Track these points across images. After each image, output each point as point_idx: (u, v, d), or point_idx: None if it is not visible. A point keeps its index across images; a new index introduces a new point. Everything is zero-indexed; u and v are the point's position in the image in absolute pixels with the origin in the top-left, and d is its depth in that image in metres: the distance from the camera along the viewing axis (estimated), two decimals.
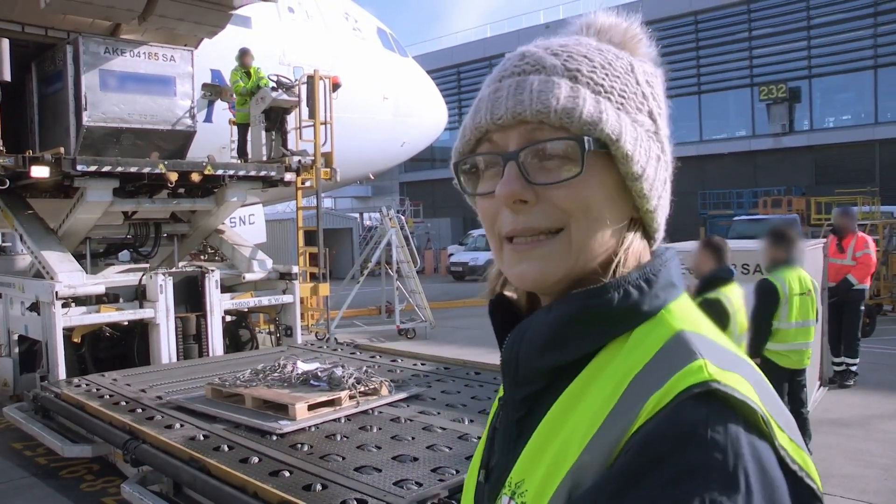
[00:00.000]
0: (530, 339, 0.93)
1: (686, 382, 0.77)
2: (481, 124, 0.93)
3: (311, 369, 6.29)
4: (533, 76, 0.91)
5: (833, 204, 22.15)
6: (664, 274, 0.92)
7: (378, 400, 5.89)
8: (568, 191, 0.89)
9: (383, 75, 15.06)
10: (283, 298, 9.76)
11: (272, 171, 9.98)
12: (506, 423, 0.98)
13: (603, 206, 0.90)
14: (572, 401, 0.86)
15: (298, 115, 11.24)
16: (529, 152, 0.90)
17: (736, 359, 0.84)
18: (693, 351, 0.81)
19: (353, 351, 8.83)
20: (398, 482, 4.18)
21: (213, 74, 11.74)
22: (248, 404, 5.73)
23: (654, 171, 0.94)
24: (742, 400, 0.76)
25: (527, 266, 0.91)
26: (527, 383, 0.93)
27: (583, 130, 0.88)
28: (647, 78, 0.97)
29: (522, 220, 0.90)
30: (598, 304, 0.89)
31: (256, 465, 4.53)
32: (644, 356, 0.83)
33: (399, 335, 15.01)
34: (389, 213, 16.30)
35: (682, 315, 0.89)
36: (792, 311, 6.05)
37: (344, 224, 32.88)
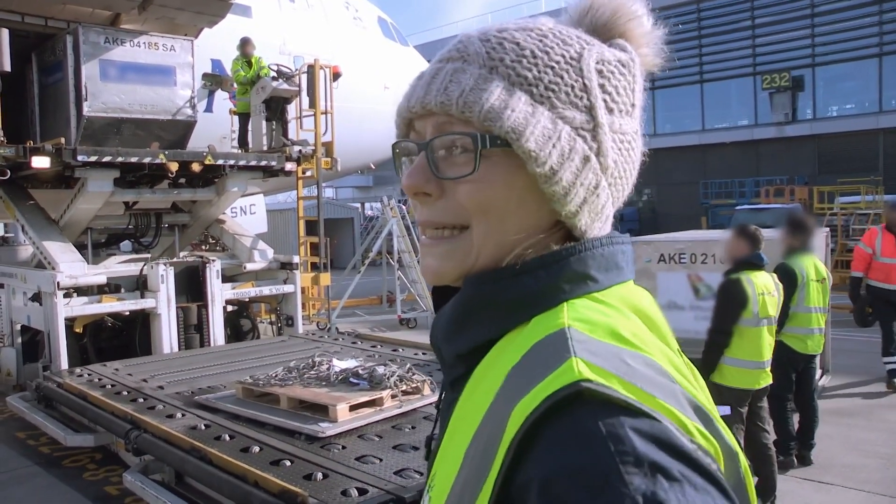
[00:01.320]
0: (439, 326, 0.92)
1: (553, 386, 0.69)
2: (402, 111, 0.91)
3: (349, 367, 5.90)
4: (450, 64, 0.88)
5: (836, 193, 22.10)
6: (573, 264, 0.85)
7: (421, 399, 5.45)
8: (469, 188, 0.85)
9: (384, 65, 15.01)
10: (284, 288, 9.77)
11: (273, 161, 9.97)
12: (444, 405, 0.95)
13: (506, 207, 0.85)
14: (470, 392, 0.83)
15: (299, 105, 11.22)
16: (439, 143, 0.86)
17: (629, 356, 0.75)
18: (568, 348, 0.73)
19: (354, 340, 8.83)
20: (399, 471, 4.20)
21: (214, 64, 11.70)
22: (284, 405, 5.32)
23: (573, 174, 0.85)
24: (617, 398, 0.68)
25: (430, 261, 0.90)
26: (449, 368, 0.92)
27: (484, 126, 0.83)
28: (600, 67, 0.88)
29: (426, 213, 0.89)
30: (490, 291, 0.85)
31: (257, 455, 4.55)
32: (516, 354, 0.78)
33: (400, 325, 15.01)
34: (391, 202, 16.28)
35: (583, 310, 0.81)
36: (809, 296, 6.16)
37: (345, 214, 32.85)
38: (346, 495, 3.90)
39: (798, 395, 6.45)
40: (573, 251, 0.86)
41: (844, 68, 36.63)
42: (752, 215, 21.15)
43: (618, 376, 0.70)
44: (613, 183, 0.90)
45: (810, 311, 6.19)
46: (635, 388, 0.70)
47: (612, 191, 0.90)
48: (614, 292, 0.86)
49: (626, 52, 0.92)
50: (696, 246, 7.95)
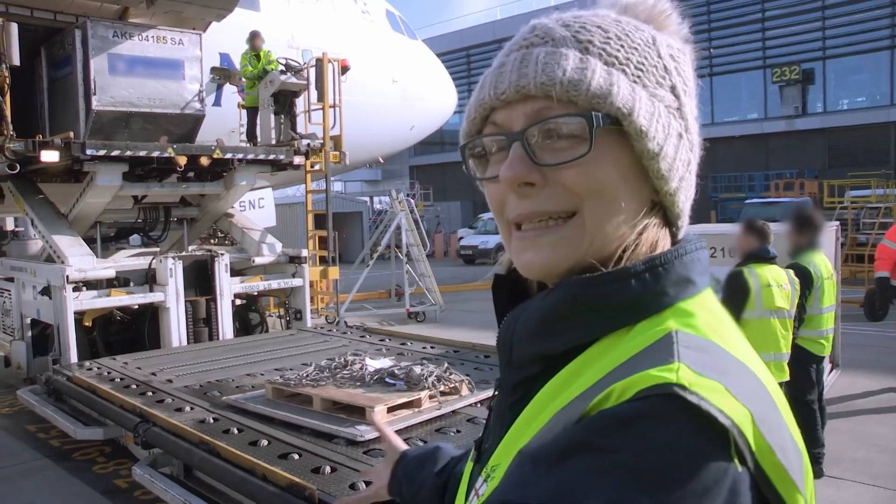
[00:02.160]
0: (523, 324, 0.88)
1: (649, 382, 0.70)
2: (485, 101, 0.88)
3: (384, 366, 5.67)
4: (539, 48, 0.85)
5: (847, 187, 21.96)
6: (678, 268, 0.84)
7: (460, 401, 5.20)
8: (578, 171, 0.82)
9: (392, 58, 15.00)
10: (292, 282, 9.78)
11: (281, 155, 9.97)
12: (499, 406, 0.93)
13: (618, 188, 0.83)
14: (557, 390, 0.81)
15: (307, 99, 11.22)
16: (536, 131, 0.83)
17: (729, 367, 0.75)
18: (673, 352, 0.73)
19: (362, 334, 8.84)
20: None
21: (222, 58, 11.72)
22: (317, 406, 5.06)
23: (674, 150, 0.86)
24: (708, 411, 0.67)
25: (533, 254, 0.85)
26: (520, 368, 0.89)
27: (591, 105, 0.81)
28: (671, 52, 0.89)
29: (528, 205, 0.85)
30: (593, 295, 0.82)
31: (266, 448, 4.54)
32: (628, 353, 0.77)
33: (409, 318, 15.03)
34: (399, 196, 16.28)
35: (689, 314, 0.81)
36: (823, 296, 5.96)
37: (354, 208, 32.92)
38: (354, 489, 3.89)
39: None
40: (677, 254, 0.85)
41: (855, 61, 36.41)
42: (761, 209, 21.08)
43: (720, 384, 0.71)
44: (696, 162, 0.92)
45: (822, 311, 5.99)
46: (733, 399, 0.70)
47: (696, 169, 0.92)
48: (707, 296, 0.87)
49: (679, 43, 0.92)
50: (705, 240, 7.90)
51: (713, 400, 0.68)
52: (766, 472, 0.70)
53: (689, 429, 0.67)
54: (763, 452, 0.69)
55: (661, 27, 0.92)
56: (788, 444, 0.74)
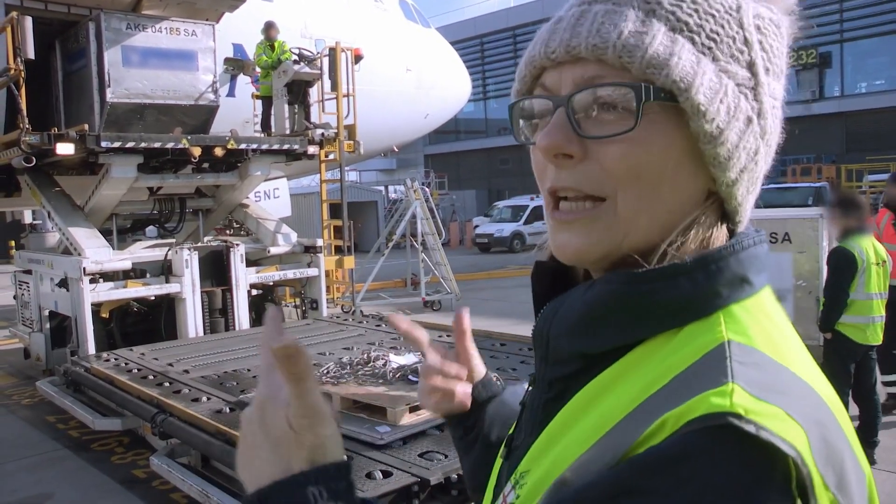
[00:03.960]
0: (562, 318, 0.81)
1: (702, 410, 0.62)
2: (535, 59, 0.80)
3: (407, 363, 5.47)
4: (599, 5, 0.76)
5: (865, 171, 21.74)
6: (733, 266, 0.75)
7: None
8: (620, 149, 0.74)
9: (406, 47, 14.95)
10: (308, 272, 9.79)
11: (295, 145, 9.97)
12: (533, 402, 0.86)
13: (663, 174, 0.75)
14: (595, 395, 0.74)
15: (321, 88, 11.21)
16: (583, 98, 0.76)
17: (788, 385, 0.68)
18: (727, 370, 0.66)
19: (378, 324, 8.84)
20: (423, 453, 4.19)
21: (235, 48, 11.72)
22: (337, 405, 4.84)
23: (737, 135, 0.76)
24: (768, 441, 0.60)
25: (567, 238, 0.79)
26: (557, 364, 0.82)
27: (646, 74, 0.73)
28: (758, 23, 0.78)
29: (565, 177, 0.77)
30: (640, 292, 0.75)
31: None
32: (678, 366, 0.69)
33: (425, 307, 15.04)
34: (414, 185, 16.26)
35: (743, 320, 0.73)
36: (870, 282, 5.76)
37: (369, 197, 32.93)
38: (371, 478, 3.89)
39: (857, 389, 5.97)
40: (732, 250, 0.77)
41: (873, 44, 35.92)
42: (778, 194, 20.90)
43: (781, 408, 0.63)
44: (767, 152, 0.81)
45: (871, 297, 5.78)
46: (794, 424, 0.63)
47: (766, 160, 0.82)
48: (765, 296, 0.79)
49: (774, 13, 0.81)
50: None
51: (773, 427, 0.61)
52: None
53: (746, 464, 0.60)
54: (821, 490, 0.62)
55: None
56: (848, 472, 0.66)
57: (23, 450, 7.06)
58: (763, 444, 0.60)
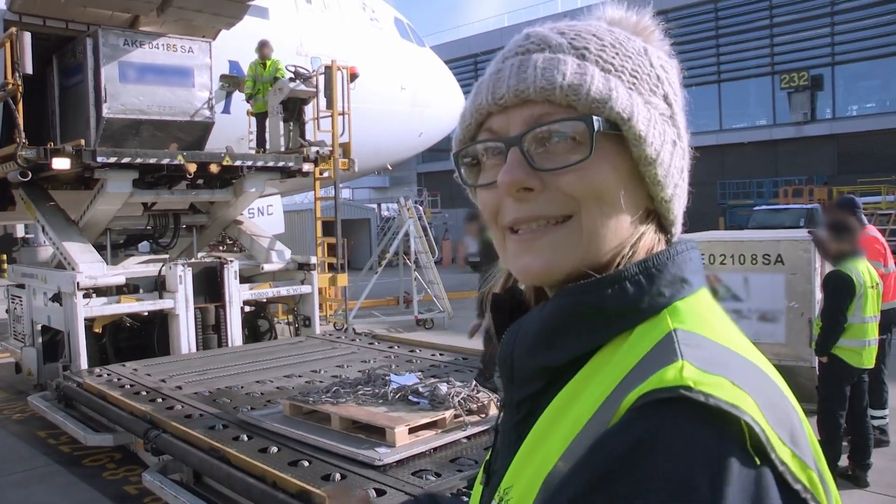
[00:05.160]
0: (522, 338, 0.86)
1: (653, 385, 0.69)
2: (482, 106, 0.87)
3: (408, 383, 5.43)
4: (537, 54, 0.85)
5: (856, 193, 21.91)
6: (671, 268, 0.83)
7: (488, 421, 4.90)
8: (577, 175, 0.82)
9: (401, 65, 15.03)
10: (301, 289, 9.80)
11: (290, 162, 10.01)
12: (505, 426, 0.91)
13: (616, 193, 0.83)
14: (565, 405, 0.79)
15: (316, 106, 11.27)
16: (534, 136, 0.83)
17: (731, 360, 0.75)
18: (675, 351, 0.73)
19: (371, 341, 8.85)
20: (416, 472, 4.19)
21: (231, 65, 11.76)
22: (336, 425, 4.86)
23: (669, 157, 0.86)
24: (717, 406, 0.66)
25: (531, 258, 0.84)
26: (523, 385, 0.87)
27: (591, 109, 0.81)
28: (661, 62, 0.90)
29: (527, 209, 0.84)
30: (592, 301, 0.81)
31: (276, 455, 4.55)
32: (634, 359, 0.75)
33: (417, 325, 15.01)
34: (407, 203, 16.29)
35: (686, 313, 0.80)
36: (866, 305, 5.77)
37: (362, 215, 32.95)
38: None
39: (849, 412, 5.96)
40: (669, 255, 0.85)
41: (865, 67, 36.25)
42: (770, 216, 21.02)
43: (726, 378, 0.70)
44: (687, 169, 0.92)
45: (866, 321, 5.79)
46: (741, 391, 0.69)
47: (687, 178, 0.92)
48: (704, 294, 0.86)
49: (668, 56, 0.93)
50: (714, 246, 7.89)
51: (721, 395, 0.67)
52: (788, 464, 0.68)
53: (701, 430, 0.66)
54: (778, 445, 0.68)
55: (646, 41, 0.92)
56: (798, 430, 0.73)
57: (14, 465, 7.02)
58: (714, 409, 0.66)
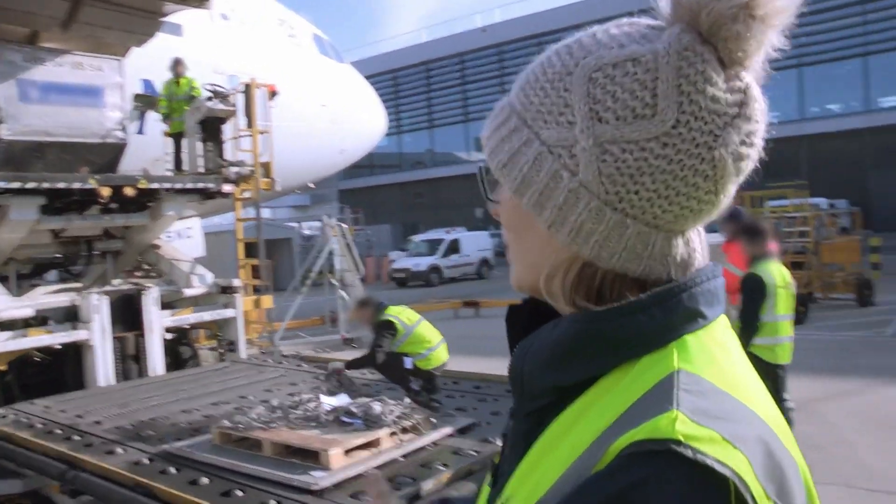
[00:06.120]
0: (534, 355, 0.87)
1: (643, 435, 0.69)
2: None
3: (340, 404, 5.33)
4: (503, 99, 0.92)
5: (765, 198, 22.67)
6: (686, 301, 0.82)
7: (424, 438, 4.91)
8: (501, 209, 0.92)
9: (321, 82, 14.90)
10: (225, 313, 9.47)
11: (210, 183, 9.68)
12: (514, 433, 0.92)
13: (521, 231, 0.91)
14: (569, 423, 0.81)
15: (235, 125, 10.99)
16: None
17: (728, 410, 0.74)
18: (672, 398, 0.73)
19: (298, 363, 8.62)
20: (354, 494, 4.05)
21: (145, 84, 11.41)
22: (268, 451, 4.73)
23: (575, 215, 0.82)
24: (704, 463, 0.67)
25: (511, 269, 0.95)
26: (532, 399, 0.88)
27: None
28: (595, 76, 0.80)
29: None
30: (601, 330, 0.81)
31: (207, 486, 4.33)
32: (634, 394, 0.76)
33: (344, 344, 14.81)
34: (331, 221, 16.08)
35: (694, 350, 0.80)
36: (779, 304, 6.12)
37: (283, 234, 32.47)
38: None
39: None
40: (685, 287, 0.82)
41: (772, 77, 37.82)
42: None
43: (717, 433, 0.70)
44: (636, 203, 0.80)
45: (778, 319, 6.14)
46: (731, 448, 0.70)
47: (646, 211, 0.81)
48: (717, 327, 0.85)
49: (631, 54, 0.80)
50: None
51: (710, 451, 0.68)
52: None
53: (687, 486, 0.66)
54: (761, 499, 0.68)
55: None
56: (789, 481, 0.73)
57: None
58: (701, 466, 0.67)
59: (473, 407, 6.06)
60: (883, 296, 16.89)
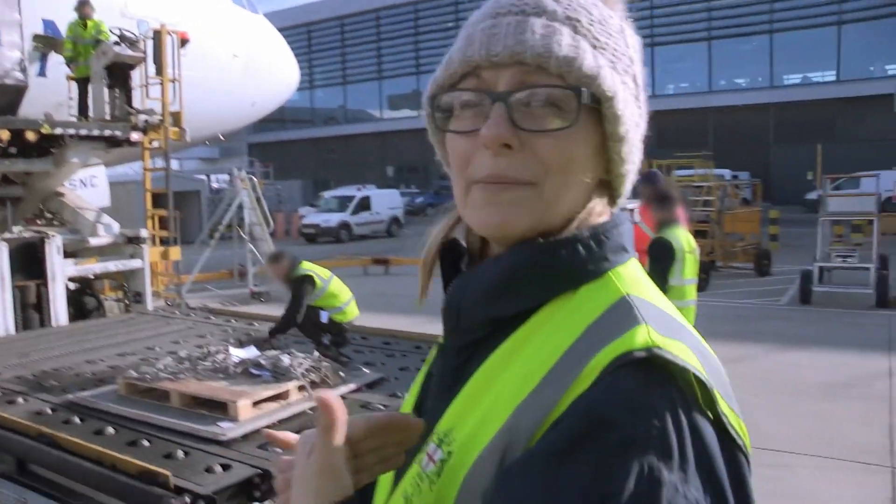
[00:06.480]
0: (474, 288, 0.91)
1: (627, 347, 0.76)
2: (473, 58, 0.88)
3: (249, 356, 5.29)
4: (534, 18, 0.87)
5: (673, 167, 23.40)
6: (615, 236, 0.91)
7: (333, 391, 5.04)
8: (554, 142, 0.85)
9: (233, 32, 14.55)
10: (131, 263, 9.32)
11: (117, 131, 9.44)
12: (442, 370, 0.96)
13: (581, 164, 0.88)
14: (510, 354, 0.85)
15: (145, 72, 10.69)
16: (521, 97, 0.86)
17: (679, 326, 0.84)
18: (637, 316, 0.81)
19: (206, 316, 8.59)
20: (262, 445, 4.14)
21: (46, 25, 10.94)
22: (175, 402, 4.68)
23: (634, 136, 0.92)
24: (683, 367, 0.76)
25: (491, 211, 0.87)
26: (467, 332, 0.92)
27: (580, 82, 0.85)
28: (633, 43, 0.94)
29: (502, 165, 0.86)
30: (547, 259, 0.87)
31: (112, 437, 4.34)
32: (587, 318, 0.82)
33: (252, 298, 14.74)
34: (241, 173, 15.85)
35: (629, 279, 0.89)
36: (685, 268, 6.23)
37: (191, 186, 31.69)
38: (210, 472, 3.81)
39: None
40: (615, 224, 0.92)
41: (681, 50, 38.79)
42: None
43: (680, 342, 0.80)
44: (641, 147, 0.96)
45: (684, 283, 6.25)
46: (693, 355, 0.79)
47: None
48: (634, 262, 0.94)
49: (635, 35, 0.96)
50: None
51: (684, 357, 0.77)
52: (728, 416, 0.79)
53: (670, 384, 0.75)
54: (720, 400, 0.79)
55: (612, 9, 0.94)
56: (729, 386, 0.83)
57: None
58: (680, 369, 0.76)
59: (382, 362, 6.16)
60: (779, 266, 17.69)
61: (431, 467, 0.86)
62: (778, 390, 8.16)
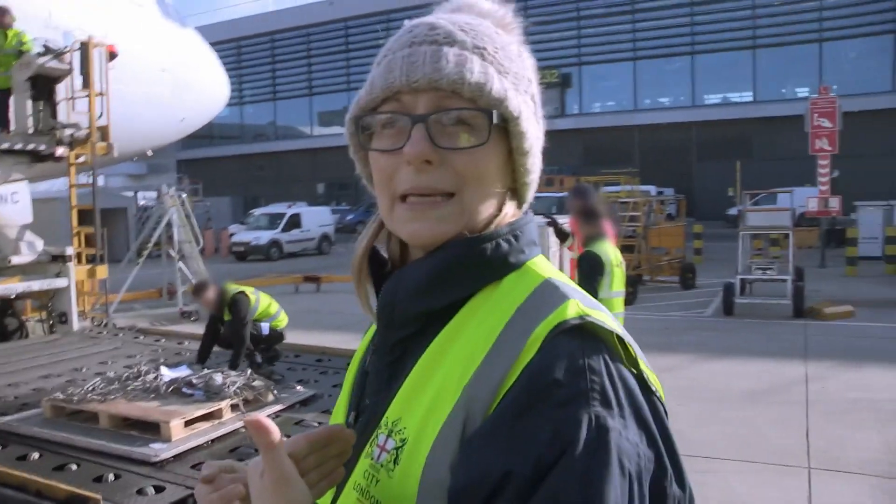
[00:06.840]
0: (408, 284, 0.99)
1: (562, 317, 0.88)
2: (394, 84, 0.96)
3: (181, 375, 5.24)
4: (447, 48, 0.97)
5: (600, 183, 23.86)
6: (528, 232, 1.03)
7: (266, 408, 4.97)
8: (469, 157, 0.96)
9: (162, 46, 14.28)
10: (56, 282, 9.05)
11: (41, 145, 9.18)
12: (378, 366, 1.04)
13: (493, 175, 0.99)
14: (447, 341, 0.94)
15: (70, 85, 10.41)
16: (438, 118, 0.95)
17: (594, 301, 0.96)
18: (564, 293, 0.93)
19: (135, 335, 8.40)
20: (196, 465, 4.08)
21: None
22: (105, 423, 4.58)
23: (536, 149, 1.04)
24: (610, 330, 0.89)
25: (420, 225, 0.97)
26: (401, 327, 1.00)
27: (490, 105, 0.95)
28: (530, 65, 1.06)
29: (424, 179, 0.96)
30: (473, 254, 0.97)
31: (38, 461, 4.21)
32: (517, 300, 0.93)
33: (182, 318, 14.43)
34: (170, 190, 15.55)
35: (545, 267, 1.01)
36: (613, 281, 6.32)
37: (118, 203, 30.94)
38: (143, 494, 3.74)
39: None
40: (526, 222, 1.04)
41: (606, 69, 39.67)
42: None
43: (601, 312, 0.93)
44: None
45: (612, 296, 6.30)
46: (613, 321, 0.92)
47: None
48: (543, 255, 1.06)
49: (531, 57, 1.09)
50: None
51: (611, 324, 0.90)
52: (646, 372, 0.91)
53: (603, 348, 0.88)
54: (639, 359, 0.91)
55: (509, 34, 1.06)
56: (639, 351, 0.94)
57: None
58: (608, 332, 0.89)
59: (315, 379, 6.15)
60: (703, 279, 18.21)
61: (385, 457, 0.93)
62: (703, 398, 8.34)
